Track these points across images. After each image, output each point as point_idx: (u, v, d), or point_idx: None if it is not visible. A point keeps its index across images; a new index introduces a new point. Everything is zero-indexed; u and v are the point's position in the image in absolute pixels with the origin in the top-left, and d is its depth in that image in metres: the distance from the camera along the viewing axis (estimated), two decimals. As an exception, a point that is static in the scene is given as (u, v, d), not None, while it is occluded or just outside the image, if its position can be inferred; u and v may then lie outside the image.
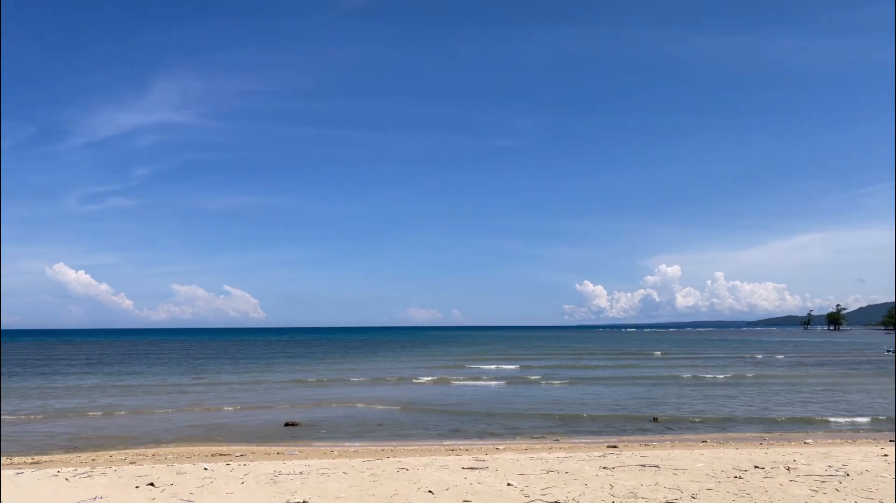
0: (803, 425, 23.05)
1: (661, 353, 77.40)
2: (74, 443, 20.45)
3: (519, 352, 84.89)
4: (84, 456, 17.75)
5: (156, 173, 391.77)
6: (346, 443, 20.15)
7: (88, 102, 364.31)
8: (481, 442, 20.20)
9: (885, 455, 12.43)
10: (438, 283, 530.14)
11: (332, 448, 18.91)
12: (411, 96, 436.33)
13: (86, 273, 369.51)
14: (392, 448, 18.83)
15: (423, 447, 18.90)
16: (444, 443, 20.13)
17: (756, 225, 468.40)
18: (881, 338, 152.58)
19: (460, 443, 19.93)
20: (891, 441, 18.77)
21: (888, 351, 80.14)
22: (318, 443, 20.22)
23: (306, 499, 7.61)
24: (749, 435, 21.11)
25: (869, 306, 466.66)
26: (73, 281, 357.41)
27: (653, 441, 19.83)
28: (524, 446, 18.78)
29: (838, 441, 19.48)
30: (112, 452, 18.58)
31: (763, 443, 19.17)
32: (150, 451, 18.77)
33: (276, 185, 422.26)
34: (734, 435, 21.15)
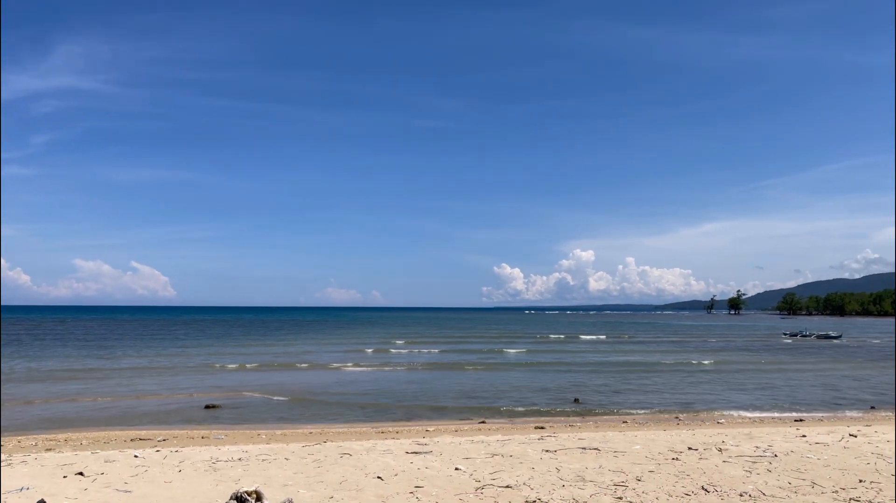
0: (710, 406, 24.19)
1: (587, 337, 79.67)
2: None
3: (440, 334, 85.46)
4: (-12, 442, 16.60)
5: (57, 141, 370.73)
6: (272, 426, 19.71)
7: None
8: (409, 423, 20.19)
9: (804, 436, 13.16)
10: (357, 264, 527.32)
11: (259, 432, 18.44)
12: (333, 71, 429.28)
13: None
14: (321, 431, 18.57)
15: (354, 430, 18.73)
16: (375, 425, 20.02)
17: (666, 212, 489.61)
18: (778, 322, 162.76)
19: (391, 425, 19.85)
20: (796, 421, 20.03)
21: (785, 333, 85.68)
22: (243, 427, 19.69)
23: (257, 489, 7.31)
24: (666, 415, 22.00)
25: (766, 292, 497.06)
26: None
27: (577, 422, 20.35)
28: (454, 428, 18.90)
29: (748, 420, 20.59)
30: (20, 437, 17.47)
31: (680, 423, 20.03)
32: (61, 436, 17.76)
33: (188, 158, 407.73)
34: (652, 415, 21.99)
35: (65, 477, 9.19)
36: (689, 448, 11.56)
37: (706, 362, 42.54)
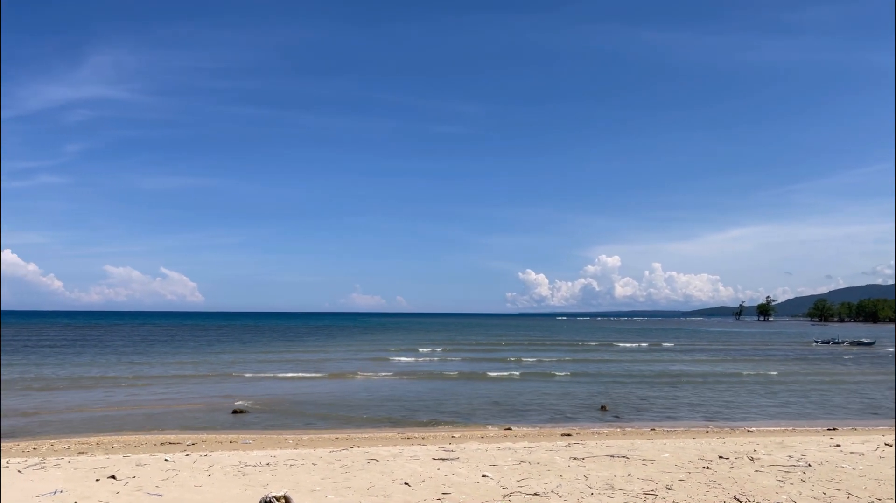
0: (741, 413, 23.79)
1: (616, 343, 79.03)
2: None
3: (465, 340, 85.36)
4: (23, 444, 16.93)
5: (88, 150, 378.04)
6: (299, 431, 19.82)
7: (17, 74, 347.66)
8: (435, 430, 20.17)
9: (838, 445, 12.90)
10: (381, 269, 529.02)
11: (286, 437, 18.57)
12: (355, 77, 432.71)
13: (12, 252, 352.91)
14: (348, 436, 18.62)
15: (380, 435, 18.75)
16: (400, 430, 20.03)
17: (693, 217, 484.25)
18: (809, 328, 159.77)
19: (416, 431, 19.85)
20: (829, 429, 19.62)
21: (816, 341, 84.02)
22: (270, 432, 19.83)
23: (286, 494, 7.35)
24: (694, 423, 21.71)
25: (796, 298, 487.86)
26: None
27: (604, 430, 20.17)
28: (480, 434, 18.84)
29: (780, 429, 20.22)
30: (52, 441, 17.79)
31: (709, 431, 19.75)
32: (93, 440, 18.04)
33: (215, 165, 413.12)
34: (680, 423, 21.72)
35: (97, 480, 9.33)
36: (720, 456, 11.38)
37: (736, 369, 41.92)
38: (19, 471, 10.04)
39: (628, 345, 74.75)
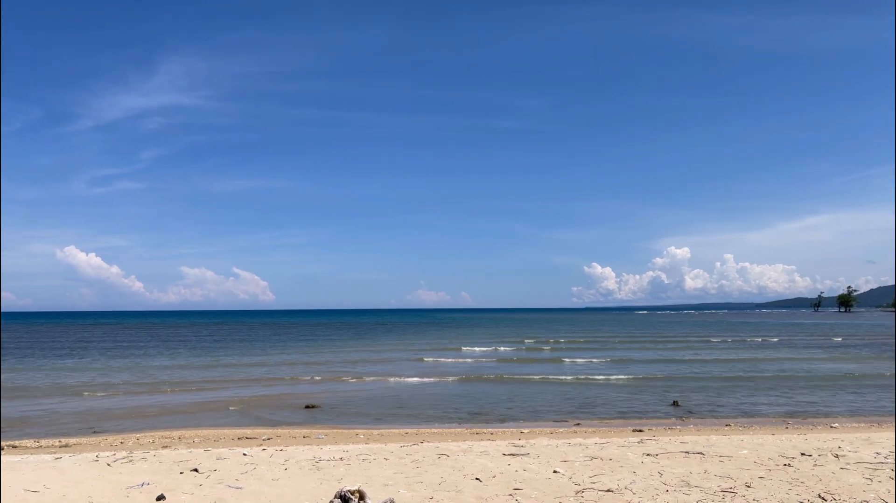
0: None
1: (684, 336, 77.20)
2: (91, 425, 20.53)
3: (531, 335, 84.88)
4: (111, 439, 17.79)
5: (162, 156, 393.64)
6: (369, 426, 20.13)
7: (95, 85, 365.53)
8: (504, 425, 20.12)
9: (931, 442, 12.23)
10: (446, 266, 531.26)
11: (357, 431, 18.88)
12: (416, 77, 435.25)
13: (96, 255, 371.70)
14: (417, 432, 18.79)
15: (450, 431, 18.85)
16: (469, 426, 20.08)
17: (765, 206, 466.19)
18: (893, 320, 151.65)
19: (485, 426, 19.86)
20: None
21: None
22: (342, 427, 20.19)
23: (360, 488, 7.49)
24: (772, 419, 20.93)
25: (879, 287, 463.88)
26: (84, 263, 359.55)
27: (677, 425, 19.69)
28: (549, 430, 18.70)
29: (866, 425, 19.28)
30: (138, 435, 18.61)
31: (788, 427, 19.01)
32: (176, 434, 18.79)
33: (282, 167, 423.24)
34: (757, 419, 20.98)
35: (181, 473, 9.72)
36: (802, 453, 10.96)
37: (817, 363, 40.26)
38: (108, 465, 10.56)
39: (700, 338, 72.71)
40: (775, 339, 69.04)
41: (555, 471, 9.64)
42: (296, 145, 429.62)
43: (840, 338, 69.40)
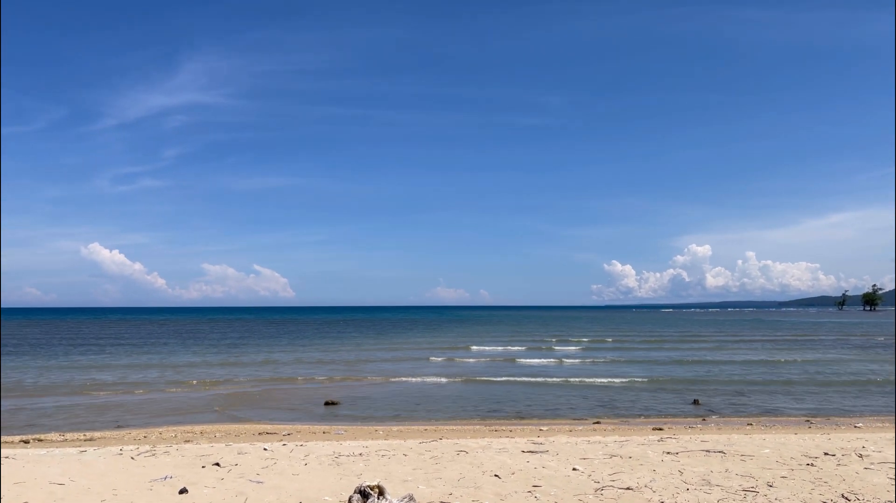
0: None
1: (708, 335, 76.59)
2: (116, 419, 20.81)
3: (550, 333, 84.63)
4: (135, 433, 18.04)
5: (185, 154, 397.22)
6: (388, 423, 20.22)
7: (119, 84, 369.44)
8: (522, 422, 20.10)
9: (958, 443, 12.03)
10: (465, 263, 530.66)
11: (377, 428, 18.97)
12: (436, 73, 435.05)
13: (119, 252, 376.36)
14: (436, 428, 18.84)
15: (468, 427, 18.87)
16: (488, 422, 20.09)
17: (788, 203, 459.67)
18: None
19: (504, 423, 19.86)
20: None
21: None
22: (361, 423, 20.30)
23: (379, 484, 7.54)
24: (795, 418, 20.70)
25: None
26: (108, 260, 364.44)
27: (697, 424, 19.54)
28: (568, 428, 18.65)
29: (890, 424, 19.00)
30: (161, 430, 18.86)
31: (812, 426, 18.79)
32: (197, 429, 19.01)
33: (302, 164, 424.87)
34: (780, 418, 20.75)
35: (203, 467, 9.84)
36: (825, 453, 10.84)
37: (839, 362, 39.72)
38: (132, 458, 10.72)
39: (722, 336, 72.03)
40: (799, 338, 68.19)
41: (574, 469, 9.62)
42: (316, 143, 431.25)
43: (865, 338, 68.35)
